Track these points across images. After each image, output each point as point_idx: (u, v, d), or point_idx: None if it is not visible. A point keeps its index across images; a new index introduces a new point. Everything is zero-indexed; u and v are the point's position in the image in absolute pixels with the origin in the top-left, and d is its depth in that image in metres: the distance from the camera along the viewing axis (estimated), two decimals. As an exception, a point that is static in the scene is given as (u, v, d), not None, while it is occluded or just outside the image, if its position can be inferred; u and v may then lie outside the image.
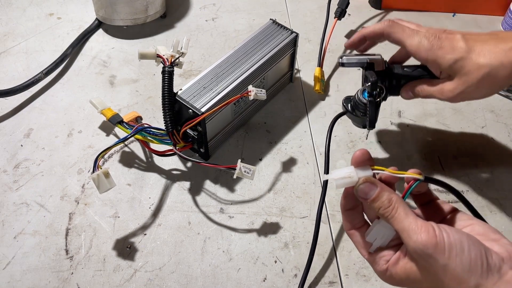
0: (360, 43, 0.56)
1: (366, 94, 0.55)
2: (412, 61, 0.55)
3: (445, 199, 0.57)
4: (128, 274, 0.54)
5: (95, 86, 0.75)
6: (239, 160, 0.53)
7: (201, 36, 0.84)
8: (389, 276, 0.36)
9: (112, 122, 0.63)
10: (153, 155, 0.65)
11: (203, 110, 0.57)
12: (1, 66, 0.77)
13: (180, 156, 0.63)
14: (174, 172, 0.64)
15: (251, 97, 0.56)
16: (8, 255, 0.55)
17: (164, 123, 0.58)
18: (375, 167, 0.37)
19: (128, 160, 0.65)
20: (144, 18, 0.82)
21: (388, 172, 0.36)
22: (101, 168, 0.53)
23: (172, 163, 0.65)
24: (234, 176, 0.53)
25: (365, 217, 0.41)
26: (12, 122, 0.69)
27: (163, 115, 0.58)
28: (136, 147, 0.66)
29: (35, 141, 0.67)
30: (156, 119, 0.70)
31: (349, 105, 0.59)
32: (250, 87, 0.57)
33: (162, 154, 0.62)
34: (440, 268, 0.31)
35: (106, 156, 0.64)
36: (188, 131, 0.60)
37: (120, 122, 0.63)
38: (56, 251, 0.56)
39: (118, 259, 0.55)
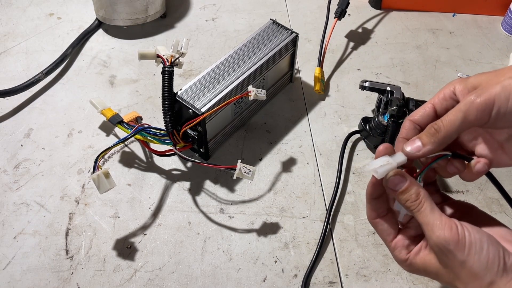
0: None
1: (386, 116, 0.61)
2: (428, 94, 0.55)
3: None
4: (128, 274, 0.54)
5: (95, 86, 0.75)
6: (239, 161, 0.53)
7: (201, 36, 0.84)
8: (408, 265, 0.38)
9: (112, 122, 0.63)
10: (153, 155, 0.65)
11: (203, 110, 0.57)
12: (1, 66, 0.77)
13: (180, 156, 0.63)
14: (174, 172, 0.64)
15: (251, 97, 0.56)
16: (8, 255, 0.55)
17: (164, 123, 0.58)
18: None
19: (128, 160, 0.65)
20: (144, 18, 0.82)
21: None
22: (101, 168, 0.53)
23: (172, 163, 0.65)
24: (234, 177, 0.53)
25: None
26: (12, 122, 0.69)
27: (163, 115, 0.58)
28: (136, 147, 0.66)
29: (35, 141, 0.67)
30: (156, 119, 0.70)
31: (367, 125, 0.63)
32: (250, 87, 0.57)
33: (162, 154, 0.62)
34: (458, 264, 0.33)
35: (106, 156, 0.64)
36: (188, 131, 0.60)
37: (120, 122, 0.63)
38: (56, 251, 0.56)
39: (118, 259, 0.55)
